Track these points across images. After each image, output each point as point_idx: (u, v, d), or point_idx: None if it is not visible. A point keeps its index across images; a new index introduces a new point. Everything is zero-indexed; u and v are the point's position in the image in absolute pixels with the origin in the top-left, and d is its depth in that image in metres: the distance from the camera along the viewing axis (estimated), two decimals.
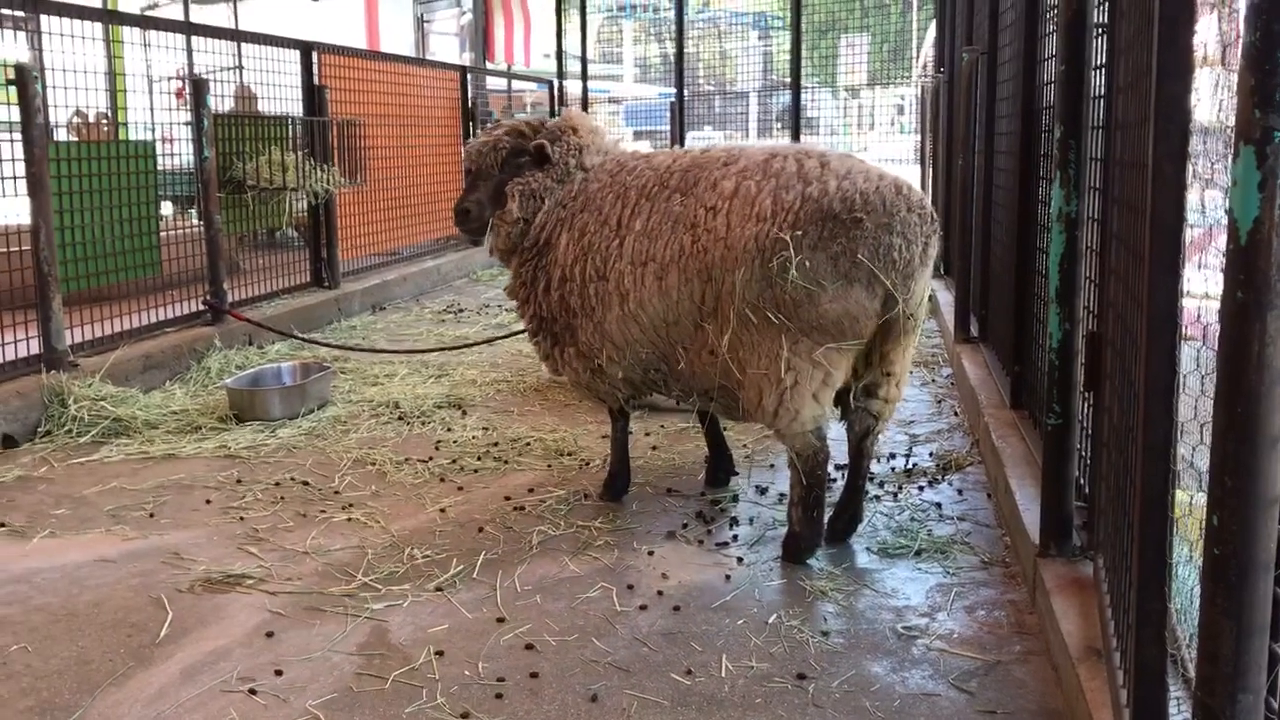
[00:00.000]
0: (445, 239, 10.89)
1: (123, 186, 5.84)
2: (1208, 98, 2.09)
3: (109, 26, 8.06)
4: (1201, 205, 2.07)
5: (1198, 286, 2.13)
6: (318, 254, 8.35)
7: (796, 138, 13.24)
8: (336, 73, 8.48)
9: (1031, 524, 3.17)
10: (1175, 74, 1.87)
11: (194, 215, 8.38)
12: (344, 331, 7.73)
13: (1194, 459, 1.98)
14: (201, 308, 6.61)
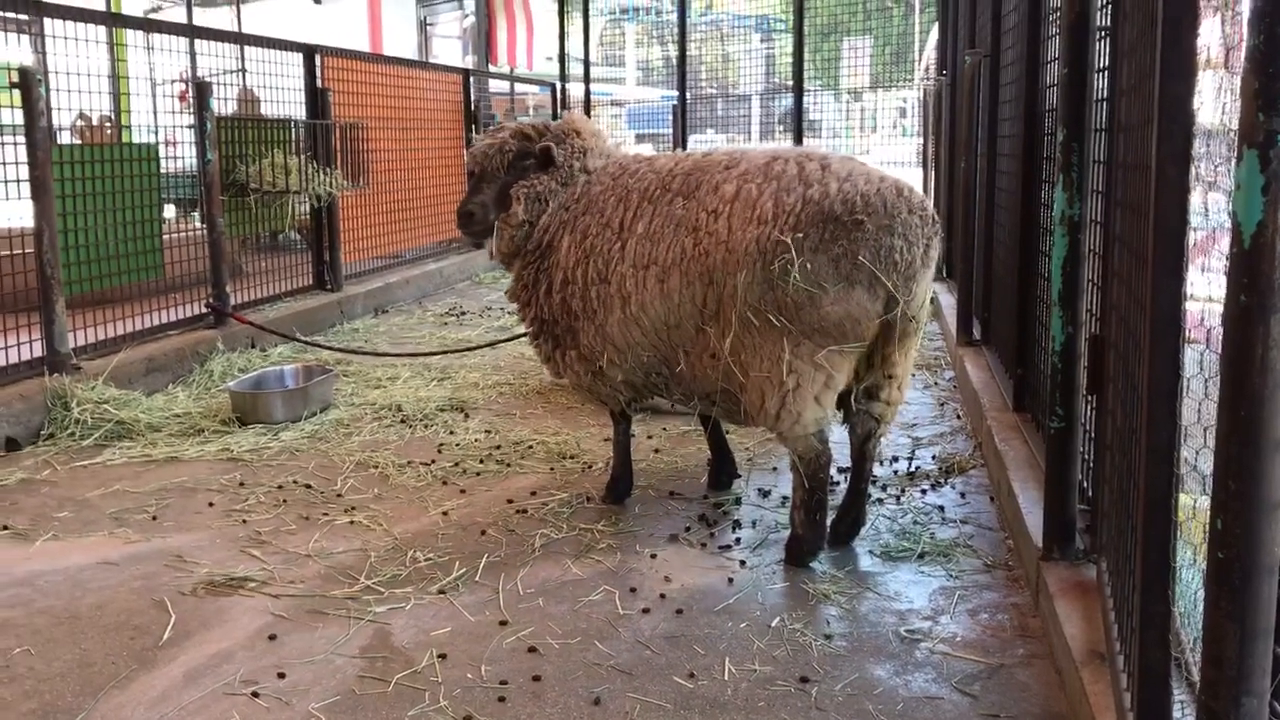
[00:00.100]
0: (448, 242, 10.89)
1: (126, 189, 5.85)
2: (1211, 100, 2.09)
3: (112, 30, 8.07)
4: (1204, 208, 2.07)
5: (1201, 289, 2.13)
6: (320, 257, 8.35)
7: (799, 141, 13.24)
8: (339, 76, 8.49)
9: (1034, 527, 3.17)
10: (1178, 77, 1.87)
11: (197, 218, 8.41)
12: (346, 334, 7.74)
13: (1197, 462, 1.98)
14: (204, 310, 6.62)
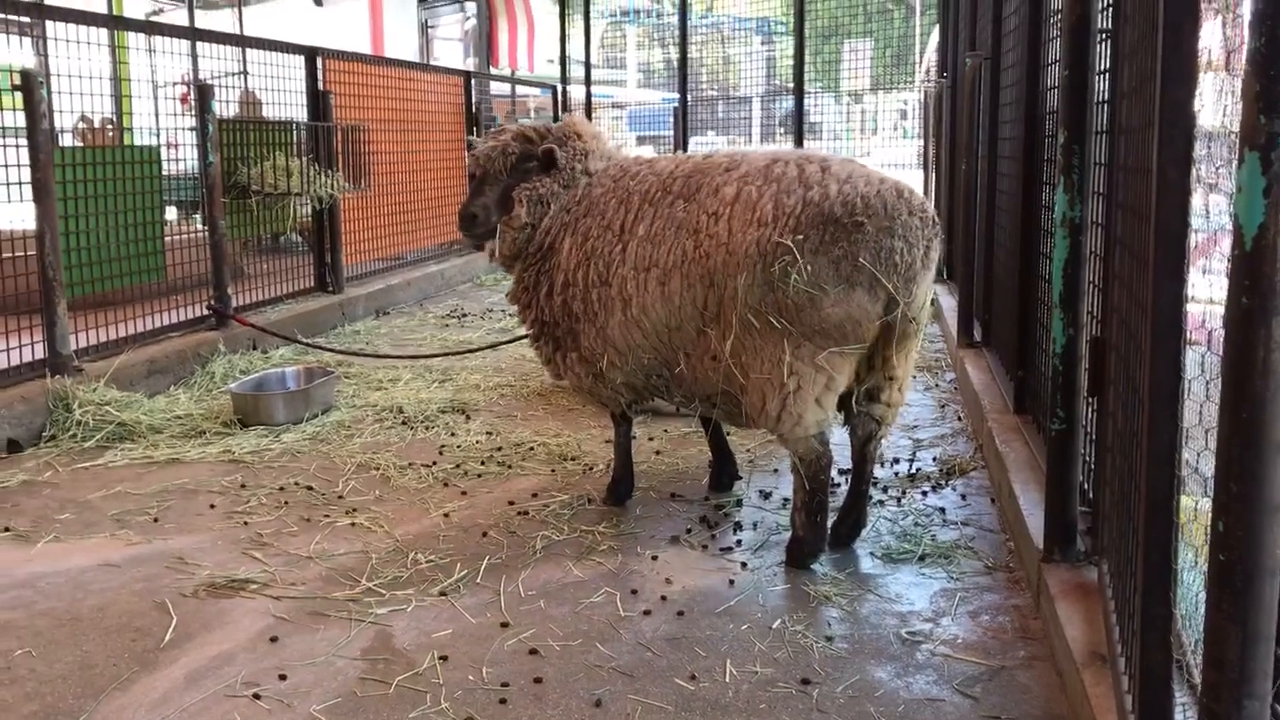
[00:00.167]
0: (449, 244, 10.90)
1: (127, 192, 5.85)
2: (1212, 103, 2.09)
3: (114, 32, 8.09)
4: (1205, 210, 2.07)
5: (1202, 292, 2.13)
6: (322, 259, 8.36)
7: (800, 143, 13.24)
8: (341, 78, 8.49)
9: (1035, 529, 3.17)
10: (1179, 79, 1.87)
11: (198, 220, 8.41)
12: (348, 336, 7.74)
13: (1199, 464, 1.98)
14: (206, 312, 6.62)
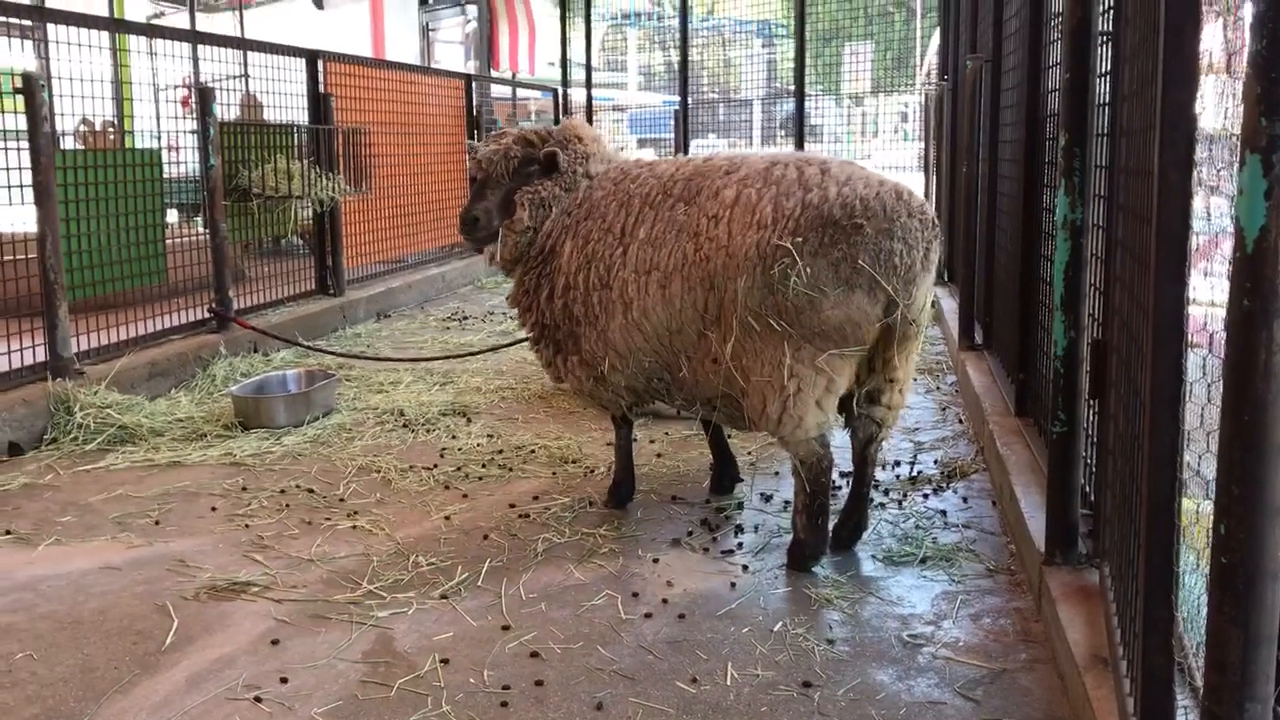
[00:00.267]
0: (450, 247, 10.90)
1: (129, 194, 5.86)
2: (1213, 105, 2.09)
3: (115, 35, 8.10)
4: (1206, 212, 2.07)
5: (1203, 294, 2.13)
6: (323, 261, 8.36)
7: (800, 145, 13.24)
8: (342, 81, 8.50)
9: (1037, 531, 3.17)
10: (1180, 81, 1.87)
11: (200, 223, 8.41)
12: (349, 339, 7.74)
13: (1200, 467, 1.98)
14: (207, 315, 6.63)
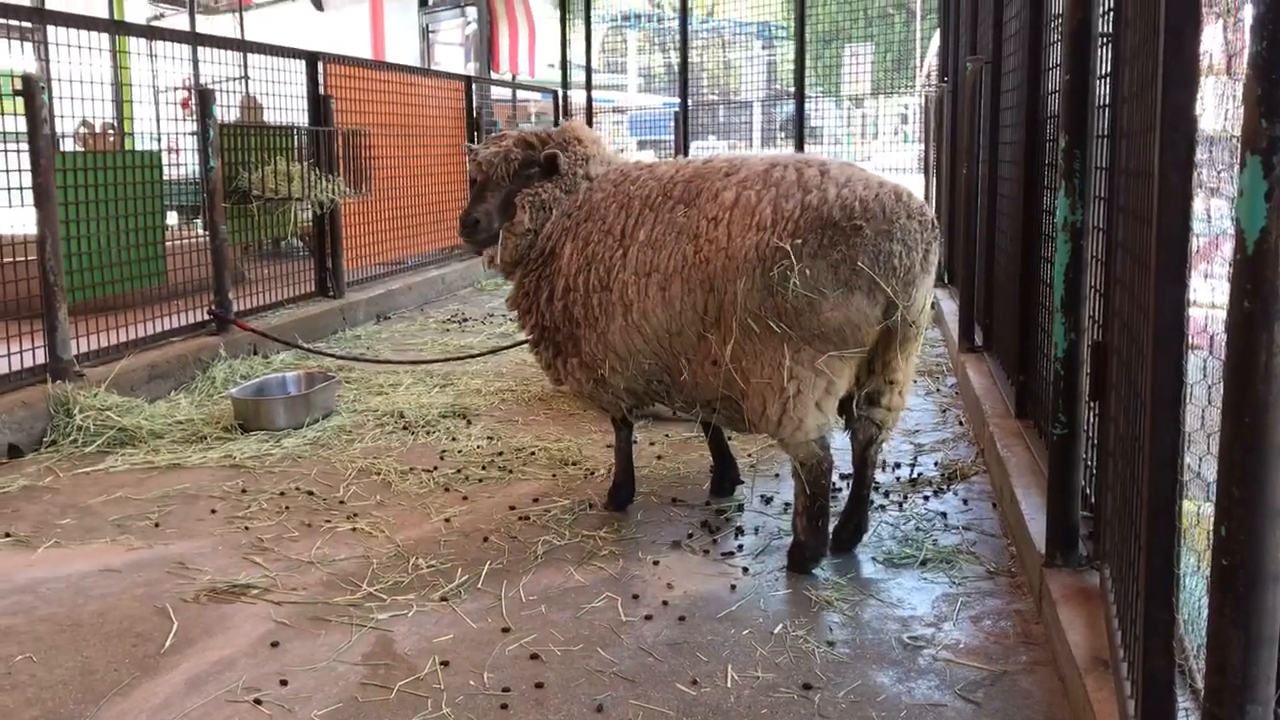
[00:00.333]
0: (450, 249, 10.90)
1: (128, 196, 5.85)
2: (1213, 107, 2.09)
3: (115, 37, 8.10)
4: (1207, 214, 2.07)
5: (1204, 295, 2.13)
6: (323, 264, 8.36)
7: (800, 147, 13.25)
8: (342, 83, 8.50)
9: (1037, 534, 3.16)
10: (1181, 83, 1.87)
11: (199, 225, 8.42)
12: (349, 341, 7.74)
13: (1201, 469, 1.98)
14: (207, 317, 6.63)
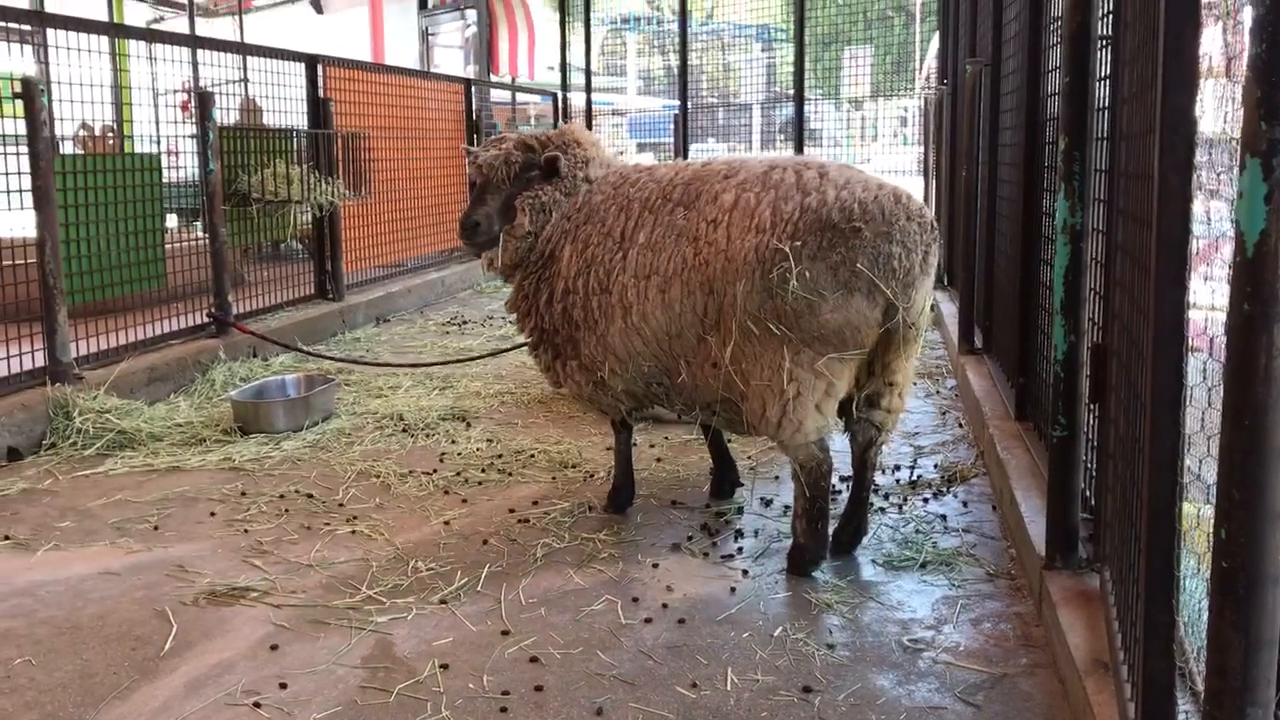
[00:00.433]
0: (450, 251, 10.91)
1: (128, 199, 5.85)
2: (1212, 109, 2.09)
3: (115, 40, 8.11)
4: (1206, 216, 2.07)
5: (1203, 298, 2.13)
6: (322, 266, 8.36)
7: (800, 150, 13.26)
8: (341, 85, 8.51)
9: (1037, 536, 3.16)
10: (1180, 87, 1.87)
11: (199, 228, 8.42)
12: (348, 344, 7.74)
13: (1201, 471, 1.98)
14: (206, 320, 6.62)
